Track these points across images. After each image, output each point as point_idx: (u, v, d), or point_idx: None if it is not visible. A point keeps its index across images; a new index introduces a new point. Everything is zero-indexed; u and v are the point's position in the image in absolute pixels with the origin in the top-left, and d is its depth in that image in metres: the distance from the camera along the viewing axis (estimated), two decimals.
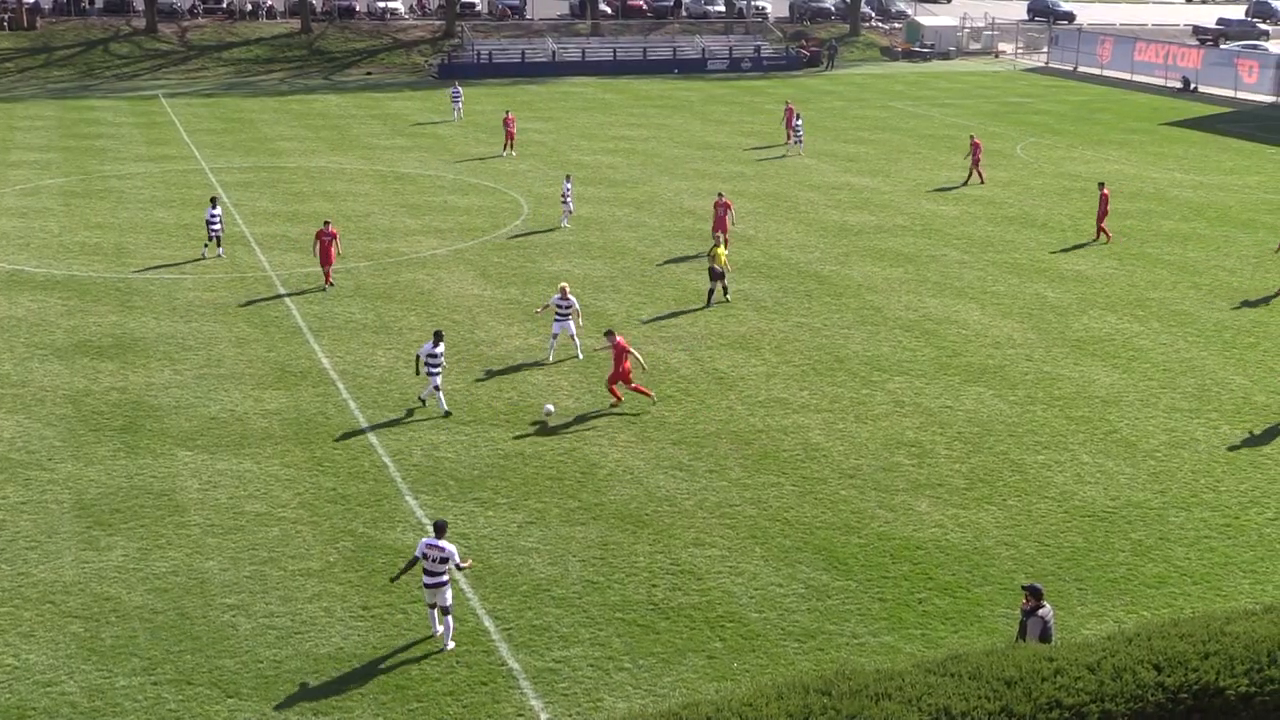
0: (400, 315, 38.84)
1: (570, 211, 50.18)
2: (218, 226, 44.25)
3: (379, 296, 40.67)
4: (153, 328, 37.38)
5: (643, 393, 31.94)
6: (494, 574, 23.94)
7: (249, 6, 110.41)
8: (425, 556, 21.34)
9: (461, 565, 21.95)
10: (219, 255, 44.51)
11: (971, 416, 31.48)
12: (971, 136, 62.62)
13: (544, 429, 30.42)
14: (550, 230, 49.51)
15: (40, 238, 47.45)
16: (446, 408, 31.13)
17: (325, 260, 41.32)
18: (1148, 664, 15.73)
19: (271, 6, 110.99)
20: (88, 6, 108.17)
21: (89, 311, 38.82)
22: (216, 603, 22.85)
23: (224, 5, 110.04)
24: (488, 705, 20.13)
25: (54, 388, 32.72)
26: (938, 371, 34.52)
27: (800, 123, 66.08)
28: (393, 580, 22.37)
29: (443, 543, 21.34)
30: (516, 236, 48.72)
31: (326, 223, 42.14)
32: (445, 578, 21.40)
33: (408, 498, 26.93)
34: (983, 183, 58.70)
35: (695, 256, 45.33)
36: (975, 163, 59.07)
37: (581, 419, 31.14)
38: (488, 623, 22.36)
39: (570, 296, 34.60)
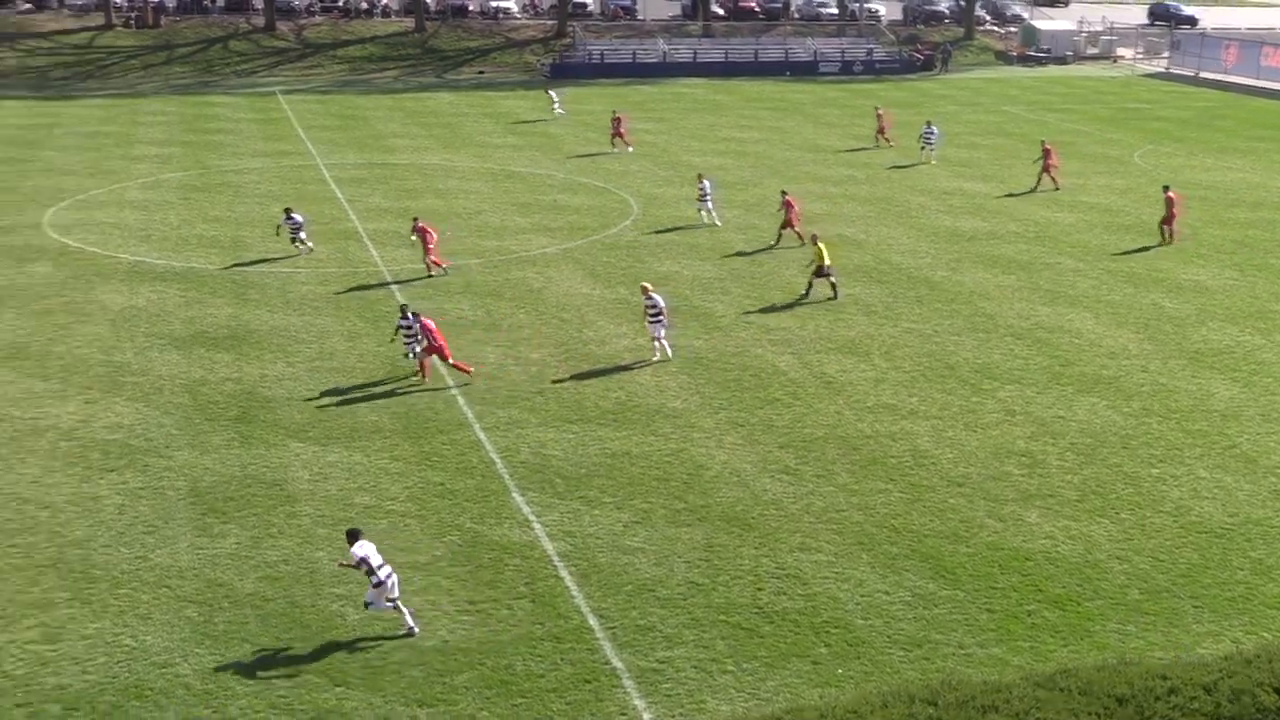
0: (509, 313, 39.09)
1: (710, 209, 50.33)
2: (301, 233, 44.76)
3: (489, 294, 40.97)
4: (267, 320, 37.99)
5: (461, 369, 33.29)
6: (599, 573, 23.98)
7: (364, 5, 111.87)
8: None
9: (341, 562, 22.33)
10: (309, 250, 44.86)
11: (1084, 427, 30.94)
12: (1043, 142, 61.43)
13: (653, 431, 30.42)
14: (660, 231, 49.54)
15: (160, 230, 48.44)
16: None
17: (428, 249, 42.34)
18: (1268, 687, 15.34)
19: (386, 5, 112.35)
20: (209, 5, 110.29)
21: (206, 303, 39.56)
22: (325, 592, 23.15)
23: (340, 4, 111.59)
24: (591, 703, 20.17)
25: (172, 377, 33.38)
26: (1050, 381, 33.99)
27: (935, 130, 65.13)
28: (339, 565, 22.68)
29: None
30: (626, 236, 48.83)
31: (416, 219, 43.43)
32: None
33: (515, 494, 27.08)
34: (1057, 188, 57.65)
35: (804, 260, 45.05)
36: (1047, 168, 58.07)
37: (689, 421, 31.09)
38: (592, 621, 22.41)
39: (654, 295, 34.53)
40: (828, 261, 40.31)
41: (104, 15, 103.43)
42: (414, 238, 42.94)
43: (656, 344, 34.90)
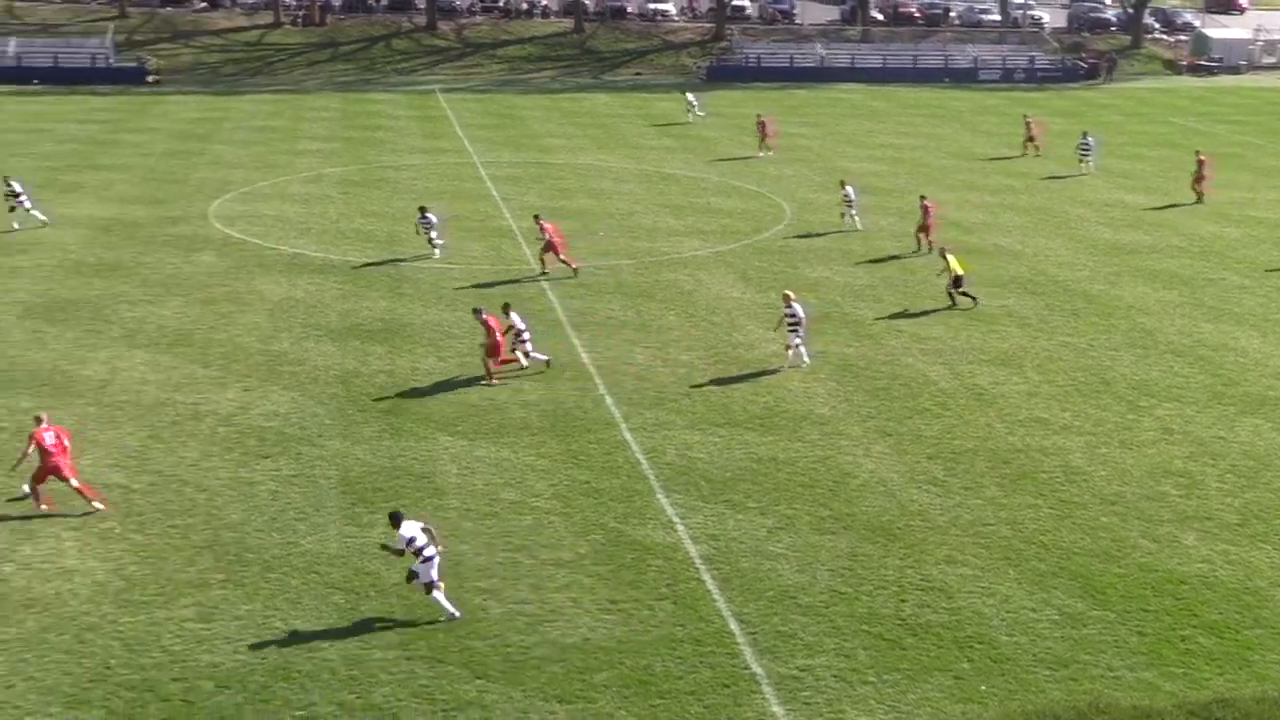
0: (659, 314, 39.16)
1: (854, 214, 49.97)
2: (433, 232, 45.13)
3: (639, 294, 41.10)
4: (420, 314, 38.58)
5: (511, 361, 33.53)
6: (741, 577, 23.87)
7: (524, 5, 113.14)
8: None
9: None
10: (436, 252, 45.27)
11: (1247, 449, 29.96)
12: (1197, 152, 59.54)
13: (800, 437, 30.21)
14: (812, 235, 49.21)
15: (320, 223, 49.51)
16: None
17: (556, 249, 42.50)
18: None
19: (546, 6, 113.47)
20: (373, 4, 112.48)
21: (361, 296, 40.31)
22: (469, 585, 23.40)
23: (500, 4, 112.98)
24: (729, 708, 20.08)
25: (326, 367, 34.07)
26: (1211, 400, 32.99)
27: (1092, 140, 63.78)
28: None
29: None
30: (778, 241, 48.61)
31: (536, 216, 43.96)
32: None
33: (659, 495, 27.09)
34: (1199, 201, 55.87)
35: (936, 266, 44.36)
36: (1199, 179, 56.32)
37: (836, 428, 30.81)
38: (733, 625, 22.31)
39: (794, 304, 34.22)
40: (961, 272, 39.74)
41: (273, 14, 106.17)
42: (541, 237, 42.79)
43: (791, 351, 34.63)
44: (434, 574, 22.14)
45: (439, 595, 22.31)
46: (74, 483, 25.67)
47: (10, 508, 25.92)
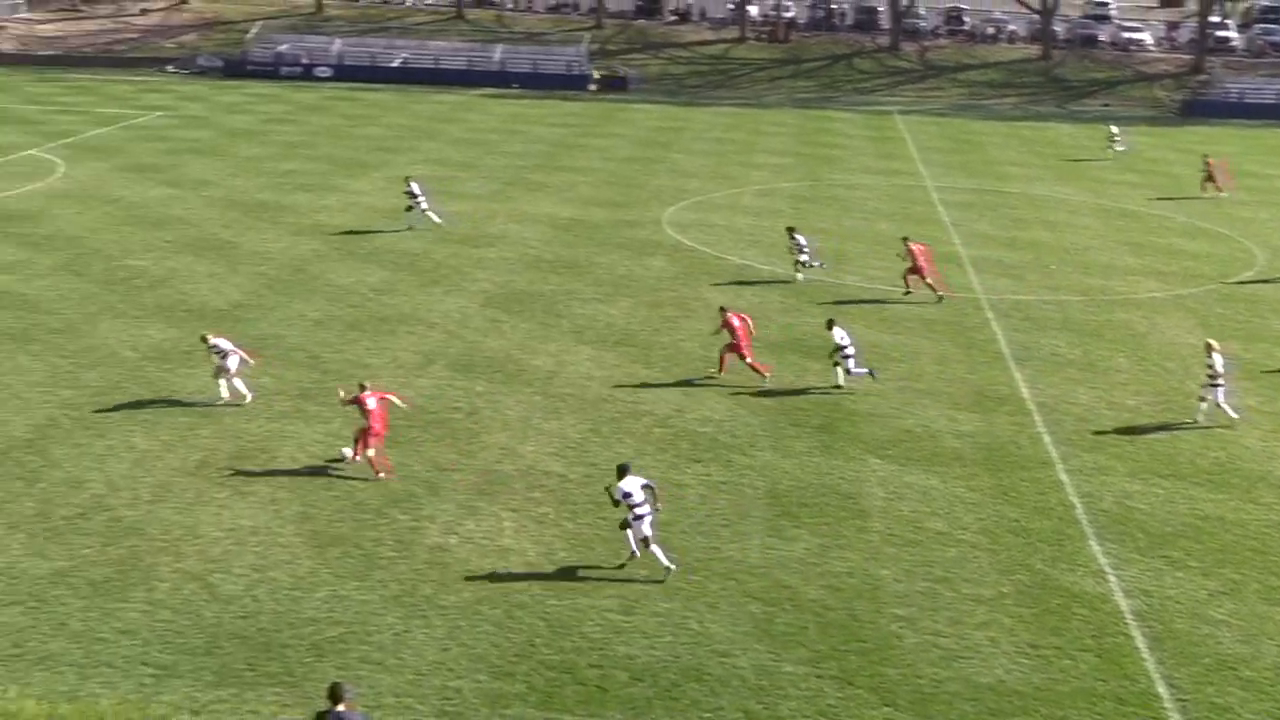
0: (1107, 355, 37.48)
1: None
2: (803, 255, 44.36)
3: (1088, 333, 39.48)
4: (860, 335, 38.34)
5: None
6: (1175, 639, 22.46)
7: (990, 30, 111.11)
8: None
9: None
10: (799, 276, 44.64)
11: None
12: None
13: (1254, 498, 28.16)
14: None
15: (770, 237, 50.16)
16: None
17: (921, 272, 41.83)
18: None
19: (1013, 31, 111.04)
20: (838, 23, 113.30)
21: (803, 311, 40.57)
22: (886, 611, 23.07)
23: (966, 27, 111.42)
24: None
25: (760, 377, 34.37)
26: None
27: None
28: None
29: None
30: (1246, 288, 45.62)
31: (905, 238, 43.31)
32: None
33: (1092, 542, 25.87)
34: None
35: None
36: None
37: None
38: (1161, 688, 21.01)
39: (1215, 355, 31.72)
40: None
41: (739, 29, 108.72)
42: (907, 258, 42.31)
43: (1204, 404, 32.15)
44: (646, 530, 23.55)
45: (656, 549, 23.63)
46: (370, 454, 27.44)
47: (458, 482, 27.51)
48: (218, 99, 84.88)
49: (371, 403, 27.43)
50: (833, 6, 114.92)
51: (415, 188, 49.71)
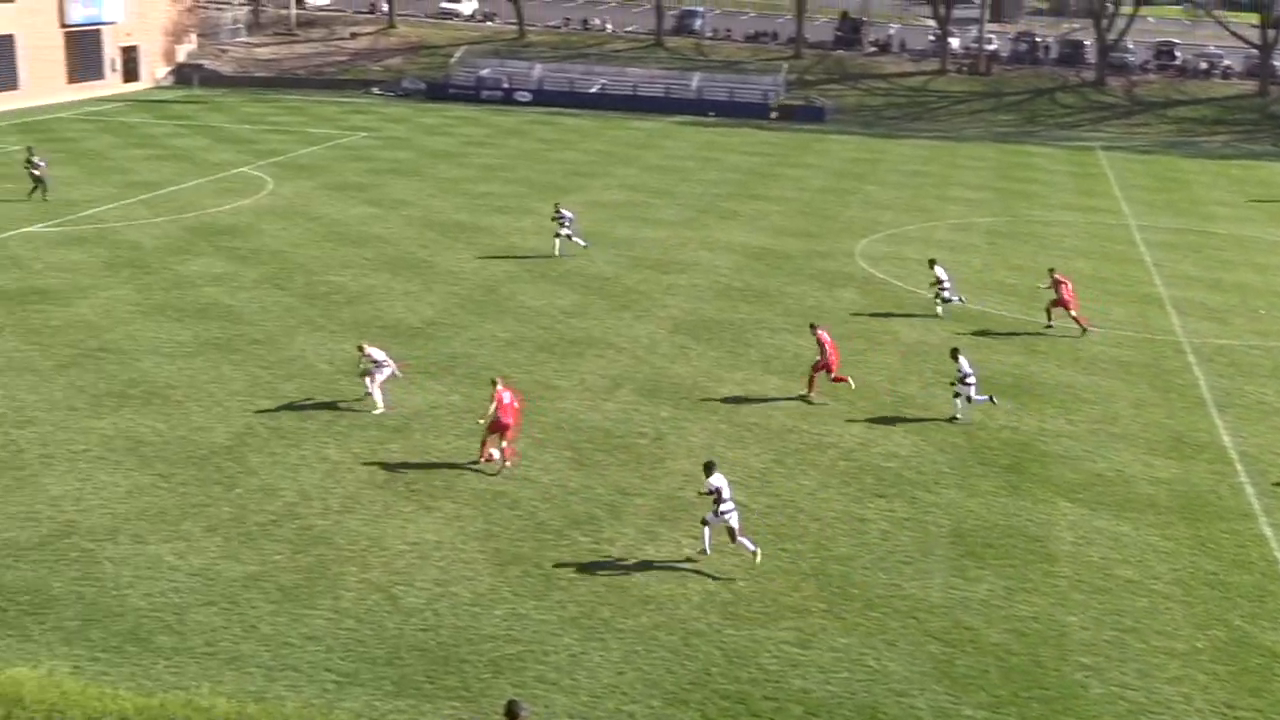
0: None
1: None
2: (947, 290, 43.18)
3: None
4: (1053, 375, 37.52)
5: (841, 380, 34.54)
6: None
7: (1203, 65, 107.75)
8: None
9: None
10: (946, 308, 43.45)
11: None
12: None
13: None
14: None
15: (962, 272, 49.33)
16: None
17: (1066, 305, 41.41)
18: None
19: (1228, 66, 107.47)
20: (1041, 56, 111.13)
21: (993, 348, 39.76)
22: (1072, 659, 22.39)
23: (1177, 62, 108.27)
24: None
25: (950, 414, 33.75)
26: None
27: None
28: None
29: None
30: None
31: (1051, 270, 42.89)
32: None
33: None
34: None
35: None
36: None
37: None
38: None
39: None
40: None
41: (939, 61, 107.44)
42: (1051, 289, 41.93)
43: None
44: (734, 522, 24.87)
45: (744, 540, 25.03)
46: (504, 445, 28.94)
47: (640, 507, 27.61)
48: (420, 120, 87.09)
49: (506, 397, 28.66)
50: (1036, 39, 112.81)
51: (566, 214, 50.21)
